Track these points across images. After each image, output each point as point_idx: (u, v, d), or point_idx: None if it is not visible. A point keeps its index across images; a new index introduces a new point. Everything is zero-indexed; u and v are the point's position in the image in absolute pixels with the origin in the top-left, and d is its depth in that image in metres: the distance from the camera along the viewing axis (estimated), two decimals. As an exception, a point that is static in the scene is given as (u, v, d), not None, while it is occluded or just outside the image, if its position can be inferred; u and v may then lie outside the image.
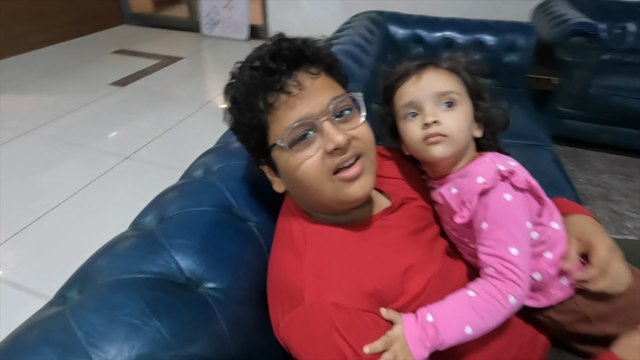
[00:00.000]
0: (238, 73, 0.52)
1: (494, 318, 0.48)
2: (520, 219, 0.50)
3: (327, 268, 0.48)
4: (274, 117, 0.49)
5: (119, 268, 0.47)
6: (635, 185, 1.86)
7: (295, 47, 0.49)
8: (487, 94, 0.59)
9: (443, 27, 1.83)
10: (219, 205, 0.60)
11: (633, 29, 2.26)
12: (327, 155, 0.47)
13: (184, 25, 4.04)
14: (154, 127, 2.26)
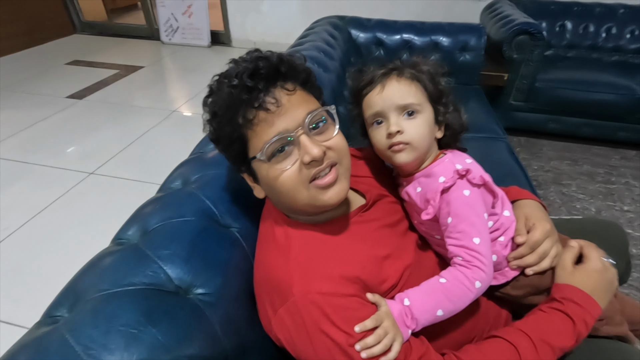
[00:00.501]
0: (217, 88, 0.54)
1: (462, 301, 0.54)
2: (479, 211, 0.57)
3: (311, 262, 0.52)
4: (253, 132, 0.51)
5: (108, 282, 0.48)
6: (582, 169, 2.04)
7: (272, 65, 0.51)
8: (447, 98, 0.63)
9: (401, 30, 1.92)
10: (201, 214, 0.62)
11: (570, 26, 2.47)
12: (303, 166, 0.51)
13: (141, 33, 3.93)
14: (118, 140, 2.19)
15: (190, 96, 2.77)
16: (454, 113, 0.63)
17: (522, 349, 0.51)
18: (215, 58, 3.52)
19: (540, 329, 0.53)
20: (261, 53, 0.54)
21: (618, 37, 2.43)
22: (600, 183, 1.93)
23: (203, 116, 0.56)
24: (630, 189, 1.89)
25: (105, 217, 1.62)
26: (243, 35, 3.63)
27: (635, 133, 2.13)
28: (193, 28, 3.64)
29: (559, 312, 0.54)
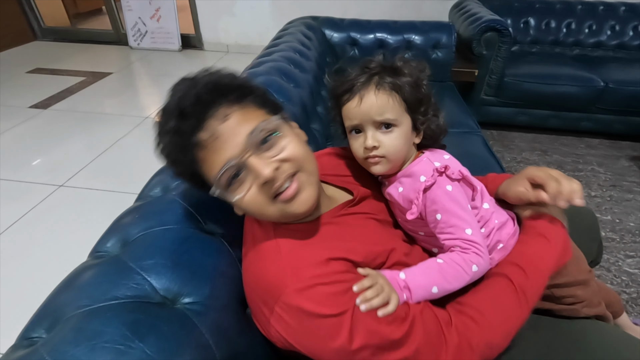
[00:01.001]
0: (158, 131, 0.52)
1: (458, 281, 0.55)
2: (464, 204, 0.58)
3: (301, 254, 0.52)
4: (202, 167, 0.51)
5: (89, 298, 0.45)
6: (551, 159, 2.14)
7: (198, 98, 0.49)
8: (427, 105, 0.62)
9: (375, 29, 1.95)
10: (184, 221, 0.60)
11: (533, 23, 2.58)
12: (262, 187, 0.50)
13: (108, 39, 3.79)
14: (88, 150, 2.11)
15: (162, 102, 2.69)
16: (433, 118, 0.63)
17: (515, 278, 0.56)
18: (187, 62, 3.45)
19: (523, 254, 0.59)
20: (185, 89, 0.51)
21: (577, 32, 2.56)
22: (569, 171, 2.03)
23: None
24: (596, 176, 1.99)
25: (79, 231, 1.55)
26: (215, 39, 3.58)
27: (597, 123, 2.25)
28: (162, 32, 3.54)
29: (534, 234, 0.61)
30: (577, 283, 0.66)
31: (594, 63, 2.33)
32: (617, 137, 2.31)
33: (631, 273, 1.43)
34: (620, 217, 1.70)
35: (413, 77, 0.60)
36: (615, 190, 1.88)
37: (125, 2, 3.46)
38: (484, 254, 0.56)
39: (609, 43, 2.55)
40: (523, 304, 0.54)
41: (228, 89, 0.52)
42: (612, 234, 1.61)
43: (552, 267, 0.58)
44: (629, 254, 1.51)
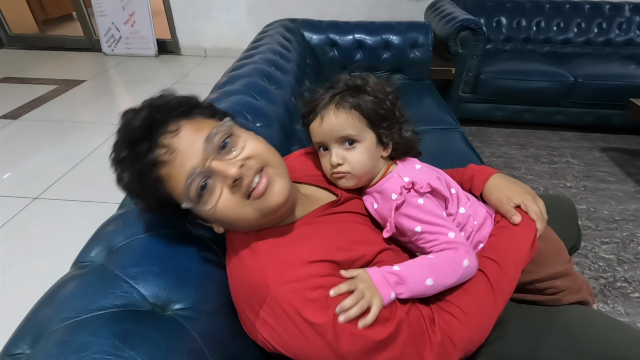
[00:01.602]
0: (116, 165, 0.51)
1: (451, 275, 0.55)
2: (439, 212, 0.59)
3: (282, 256, 0.51)
4: (168, 186, 0.50)
5: (74, 309, 0.44)
6: (528, 152, 2.21)
7: (144, 120, 0.48)
8: (391, 120, 0.63)
9: (353, 30, 1.97)
10: (171, 227, 0.59)
11: (505, 21, 2.67)
12: (233, 189, 0.50)
13: (80, 45, 3.69)
14: (63, 160, 2.03)
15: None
16: (399, 132, 0.65)
17: (487, 270, 0.57)
18: (163, 67, 3.38)
19: (496, 248, 0.61)
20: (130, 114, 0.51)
21: (547, 30, 2.66)
22: (545, 164, 2.10)
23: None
24: (571, 167, 2.07)
25: (57, 244, 1.49)
26: (193, 43, 3.53)
27: (569, 116, 2.34)
28: (137, 37, 3.47)
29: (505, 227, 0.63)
30: (558, 275, 0.68)
31: (564, 59, 2.43)
32: (588, 129, 2.41)
33: (607, 259, 1.49)
34: (594, 206, 1.77)
35: (376, 94, 0.62)
36: (589, 181, 1.96)
37: (97, 8, 3.37)
38: (471, 255, 0.57)
39: (576, 40, 2.66)
40: (499, 298, 0.56)
41: (172, 105, 0.52)
42: (588, 222, 1.67)
43: (523, 257, 0.60)
44: (604, 240, 1.58)
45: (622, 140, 2.33)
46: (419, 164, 0.66)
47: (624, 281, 1.39)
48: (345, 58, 1.99)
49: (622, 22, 2.61)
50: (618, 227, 1.64)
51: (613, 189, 1.89)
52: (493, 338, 0.58)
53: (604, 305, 1.31)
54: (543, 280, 0.67)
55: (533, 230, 0.63)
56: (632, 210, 1.75)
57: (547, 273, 0.67)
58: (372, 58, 1.99)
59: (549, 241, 0.70)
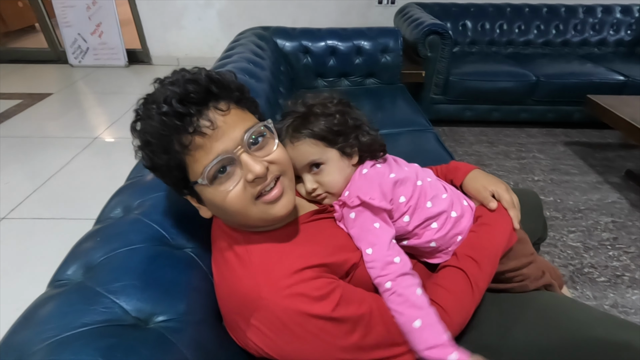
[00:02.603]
0: (145, 114, 0.50)
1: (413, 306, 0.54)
2: (368, 225, 0.60)
3: (272, 265, 0.52)
4: (191, 157, 0.50)
5: (56, 329, 0.43)
6: (498, 149, 2.30)
7: (202, 87, 0.49)
8: (346, 134, 0.66)
9: (325, 37, 2.00)
10: (151, 239, 0.59)
11: (470, 25, 2.78)
12: (248, 184, 0.51)
13: (45, 57, 3.55)
14: (31, 177, 1.95)
15: (112, 120, 2.57)
16: (356, 140, 0.67)
17: (468, 269, 0.61)
18: (135, 78, 3.31)
19: (475, 246, 0.64)
20: (189, 73, 0.52)
21: (509, 33, 2.79)
22: (514, 159, 2.20)
23: (133, 142, 0.53)
24: (538, 162, 2.18)
25: (30, 264, 1.43)
26: (165, 52, 3.47)
27: (534, 113, 2.46)
28: (106, 48, 3.38)
29: (484, 225, 0.67)
30: (525, 265, 0.73)
31: (526, 60, 2.56)
32: (552, 125, 2.54)
33: (574, 246, 1.57)
34: (561, 198, 1.87)
35: (324, 113, 0.65)
36: (554, 174, 2.07)
37: (62, 19, 3.27)
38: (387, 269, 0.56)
39: (537, 41, 2.81)
40: (477, 294, 0.61)
41: (229, 86, 0.53)
42: (556, 212, 1.77)
43: (500, 253, 0.65)
44: (571, 229, 1.67)
45: (582, 134, 2.47)
46: (366, 168, 0.67)
47: (590, 267, 1.47)
48: (319, 64, 2.02)
49: (577, 24, 2.78)
50: (583, 216, 1.74)
51: (577, 181, 2.00)
52: (468, 328, 0.61)
53: (574, 291, 1.38)
54: (512, 270, 0.71)
55: (509, 227, 0.67)
56: (595, 199, 1.85)
57: (514, 265, 0.71)
58: (345, 64, 2.03)
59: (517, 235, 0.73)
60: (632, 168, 2.05)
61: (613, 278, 1.42)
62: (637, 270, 1.45)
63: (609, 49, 2.81)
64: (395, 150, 0.81)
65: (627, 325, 0.59)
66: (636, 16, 2.75)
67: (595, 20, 2.77)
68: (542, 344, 0.60)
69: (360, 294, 0.55)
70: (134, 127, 0.52)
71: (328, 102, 0.67)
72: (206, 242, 0.65)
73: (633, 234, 1.63)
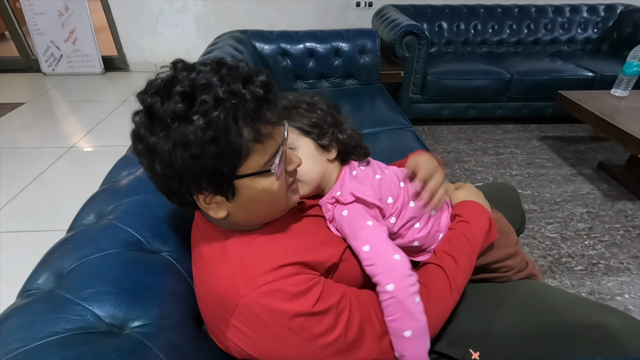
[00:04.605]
0: (211, 94, 0.44)
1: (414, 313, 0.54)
2: (361, 223, 0.60)
3: (251, 262, 0.52)
4: (262, 145, 0.48)
5: (21, 340, 0.41)
6: (476, 146, 2.36)
7: (267, 79, 0.49)
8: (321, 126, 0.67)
9: (303, 39, 2.01)
10: (125, 244, 0.57)
11: (446, 26, 2.84)
12: (287, 175, 0.56)
13: (16, 66, 3.44)
14: (3, 190, 1.88)
15: (88, 129, 2.50)
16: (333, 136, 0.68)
17: (446, 266, 0.62)
18: (111, 85, 3.24)
19: (453, 243, 0.66)
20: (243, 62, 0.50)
21: (483, 32, 2.87)
22: (492, 155, 2.25)
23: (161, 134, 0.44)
24: (515, 157, 2.24)
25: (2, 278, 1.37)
26: (141, 58, 3.41)
27: (509, 110, 2.53)
28: (80, 55, 3.29)
29: (461, 222, 0.68)
30: (509, 257, 0.74)
31: (500, 58, 2.63)
32: (526, 121, 2.62)
33: (552, 237, 1.62)
34: (538, 191, 1.93)
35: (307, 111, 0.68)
36: (531, 168, 2.13)
37: (33, 26, 3.17)
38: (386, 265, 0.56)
39: (510, 40, 2.89)
40: (455, 291, 0.62)
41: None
42: (533, 205, 1.82)
43: (478, 250, 0.66)
44: (548, 221, 1.72)
45: (555, 129, 2.56)
46: (355, 171, 0.68)
47: (568, 256, 1.52)
48: (298, 66, 2.02)
49: (547, 23, 2.88)
50: (559, 208, 1.80)
51: (552, 174, 2.07)
52: (450, 318, 0.62)
53: (553, 280, 1.42)
54: (496, 262, 0.73)
55: (486, 223, 0.68)
56: (570, 191, 1.92)
57: (499, 255, 0.73)
58: (324, 65, 2.04)
59: (499, 227, 0.75)
60: (603, 160, 2.13)
61: (589, 266, 1.47)
62: (612, 257, 1.51)
63: (578, 47, 2.92)
64: (376, 149, 0.81)
65: (599, 307, 0.61)
66: (602, 15, 2.87)
67: (564, 20, 2.88)
68: (521, 329, 0.62)
69: (342, 289, 0.55)
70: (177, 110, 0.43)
71: (312, 99, 0.70)
72: (185, 245, 0.64)
73: (606, 223, 1.69)
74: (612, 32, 2.87)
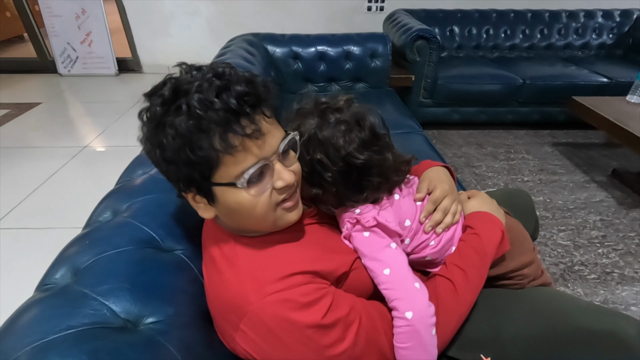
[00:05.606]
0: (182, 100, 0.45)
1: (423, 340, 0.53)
2: (382, 246, 0.58)
3: (261, 270, 0.52)
4: (232, 157, 0.47)
5: (40, 333, 0.42)
6: (486, 151, 2.33)
7: (258, 89, 0.48)
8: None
9: (314, 43, 2.02)
10: (139, 242, 0.58)
11: (457, 30, 2.84)
12: (275, 191, 0.52)
13: (33, 67, 3.52)
14: (17, 187, 1.92)
15: (101, 130, 2.55)
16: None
17: (455, 279, 0.60)
18: (124, 87, 3.30)
19: (464, 256, 0.63)
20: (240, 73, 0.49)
21: (495, 37, 2.85)
22: (503, 161, 2.23)
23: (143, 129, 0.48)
24: (526, 162, 2.21)
25: (17, 273, 1.40)
26: (153, 61, 3.47)
27: (520, 115, 2.51)
28: (95, 57, 3.36)
29: (473, 234, 0.65)
30: (524, 266, 0.72)
31: (511, 63, 2.61)
32: (538, 126, 2.59)
33: (565, 245, 1.59)
34: (550, 197, 1.90)
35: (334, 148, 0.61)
36: (543, 174, 2.10)
37: (51, 28, 3.25)
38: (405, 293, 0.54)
39: (522, 45, 2.87)
40: (462, 305, 0.60)
41: (274, 95, 0.52)
42: (545, 212, 1.79)
43: (489, 262, 0.64)
44: (561, 228, 1.69)
45: (567, 135, 2.52)
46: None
47: (580, 264, 1.49)
48: (309, 70, 2.04)
49: (560, 28, 2.85)
50: (572, 215, 1.77)
51: (564, 180, 2.04)
52: None
53: (565, 289, 1.39)
54: (511, 271, 0.71)
55: (498, 236, 0.65)
56: (583, 198, 1.89)
57: (515, 265, 0.71)
58: (335, 69, 2.05)
59: (515, 234, 0.74)
60: (617, 167, 2.09)
61: (603, 275, 1.44)
62: (626, 267, 1.48)
63: (592, 52, 2.88)
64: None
65: (612, 314, 0.60)
66: (617, 20, 2.83)
67: (578, 25, 2.85)
68: (532, 335, 0.61)
69: (351, 301, 0.54)
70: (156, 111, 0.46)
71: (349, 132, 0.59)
72: (197, 243, 0.64)
73: (621, 232, 1.66)
74: (627, 37, 2.83)
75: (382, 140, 0.62)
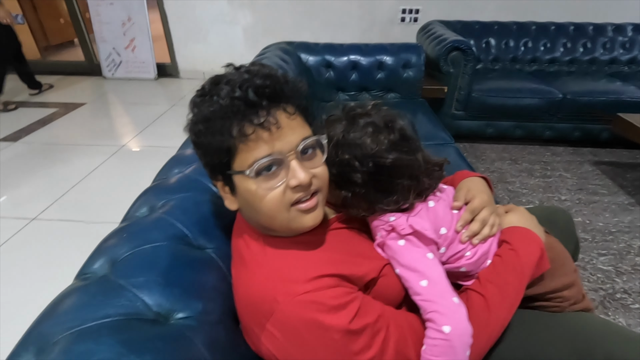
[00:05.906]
0: (214, 91, 0.50)
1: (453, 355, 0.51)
2: (419, 255, 0.56)
3: (290, 269, 0.52)
4: (245, 146, 0.49)
5: (79, 319, 0.44)
6: (521, 167, 2.24)
7: (279, 84, 0.50)
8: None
9: (347, 52, 2.04)
10: (173, 238, 0.60)
11: (494, 42, 2.77)
12: (288, 189, 0.51)
13: (81, 70, 3.76)
14: (60, 182, 2.04)
15: (138, 130, 2.67)
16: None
17: (488, 295, 0.58)
18: (162, 90, 3.45)
19: (499, 271, 0.60)
20: (267, 68, 0.52)
21: (534, 50, 2.76)
22: (539, 178, 2.13)
23: (188, 116, 0.53)
24: (564, 181, 2.11)
25: (58, 262, 1.48)
26: (191, 66, 3.61)
27: (559, 132, 2.40)
28: (138, 61, 3.55)
29: (509, 250, 0.62)
30: (565, 287, 0.68)
31: (551, 77, 2.51)
32: (578, 143, 2.46)
33: (605, 270, 1.49)
34: (589, 218, 1.79)
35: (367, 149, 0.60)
36: (582, 194, 1.99)
37: (99, 34, 3.47)
38: (443, 307, 0.53)
39: (563, 59, 2.76)
40: (495, 324, 0.57)
41: (302, 94, 0.54)
42: (584, 234, 1.69)
43: (526, 281, 0.60)
44: (601, 252, 1.59)
45: (611, 154, 2.38)
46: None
47: (623, 292, 1.39)
48: (341, 78, 2.05)
49: (605, 42, 2.72)
50: (614, 239, 1.66)
51: (606, 202, 1.92)
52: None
53: (605, 317, 1.30)
54: (550, 292, 0.67)
55: (537, 254, 0.62)
56: (627, 222, 1.77)
57: (554, 286, 0.67)
58: (367, 78, 2.05)
59: (555, 253, 0.70)
60: (667, 190, 1.95)
61: (648, 305, 1.34)
62: (675, 298, 1.36)
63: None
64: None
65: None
66: (668, 35, 2.67)
67: (625, 39, 2.71)
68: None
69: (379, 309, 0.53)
70: (196, 100, 0.52)
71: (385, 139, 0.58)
72: (228, 244, 0.65)
73: (669, 260, 1.54)
74: (680, 53, 2.66)
75: (412, 142, 0.61)
